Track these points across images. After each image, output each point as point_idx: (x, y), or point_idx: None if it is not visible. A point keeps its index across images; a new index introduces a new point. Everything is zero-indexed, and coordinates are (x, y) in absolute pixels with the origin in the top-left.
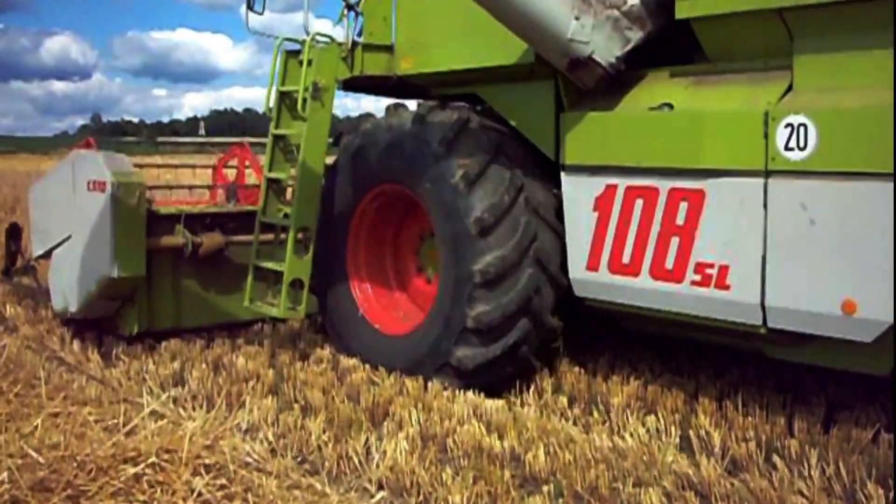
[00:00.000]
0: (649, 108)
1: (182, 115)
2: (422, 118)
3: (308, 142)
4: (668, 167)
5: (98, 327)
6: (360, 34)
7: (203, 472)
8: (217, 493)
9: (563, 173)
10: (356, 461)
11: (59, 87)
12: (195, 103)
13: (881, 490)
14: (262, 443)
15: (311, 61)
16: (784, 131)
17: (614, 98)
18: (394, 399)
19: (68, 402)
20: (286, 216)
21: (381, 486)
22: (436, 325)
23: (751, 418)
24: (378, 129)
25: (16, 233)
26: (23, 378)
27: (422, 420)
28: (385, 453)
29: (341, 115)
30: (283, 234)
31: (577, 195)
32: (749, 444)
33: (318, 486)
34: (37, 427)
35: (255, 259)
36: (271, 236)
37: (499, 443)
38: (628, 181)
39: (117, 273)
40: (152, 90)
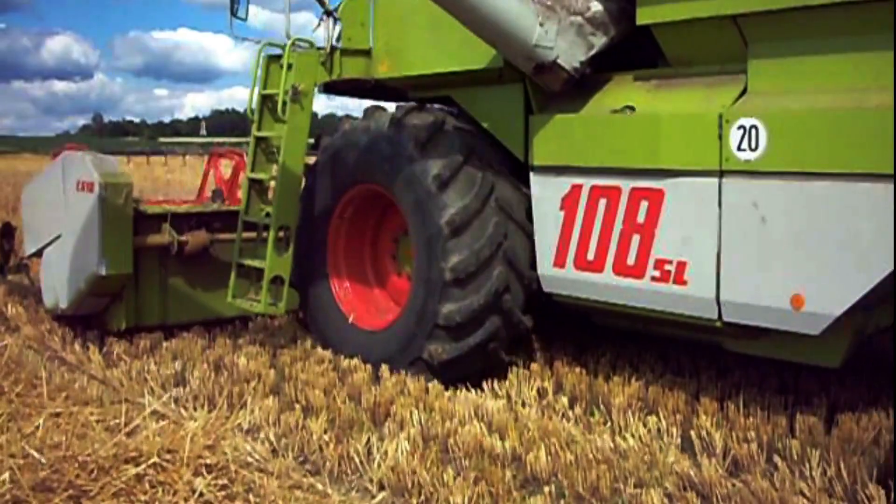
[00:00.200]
0: (612, 111)
1: (183, 115)
2: (398, 121)
3: (288, 143)
4: (629, 168)
5: (88, 323)
6: (338, 39)
7: (204, 472)
8: (218, 494)
9: (531, 174)
10: (357, 461)
11: (60, 87)
12: (197, 103)
13: (882, 491)
14: (263, 443)
15: (290, 66)
16: (737, 133)
17: (580, 101)
18: (395, 399)
19: (70, 403)
20: (268, 215)
21: (382, 487)
22: (409, 321)
23: (752, 419)
24: (356, 131)
25: (9, 232)
26: (24, 378)
27: (423, 420)
28: (386, 453)
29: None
30: (265, 233)
31: (545, 195)
32: (750, 444)
33: (320, 487)
34: (38, 427)
35: (238, 257)
36: (254, 235)
37: (500, 443)
38: (593, 181)
39: (105, 271)
40: (154, 90)
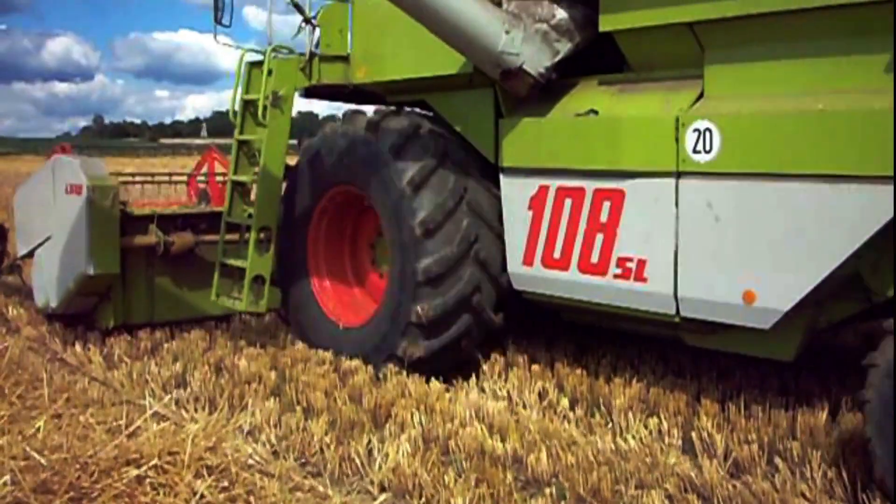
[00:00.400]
0: (576, 115)
1: (184, 116)
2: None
3: (268, 147)
4: (592, 169)
5: (78, 321)
6: (317, 45)
7: (205, 473)
8: (219, 496)
9: (501, 175)
10: (358, 463)
11: (61, 88)
12: (197, 104)
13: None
14: (264, 444)
15: (271, 71)
16: (692, 135)
17: (547, 105)
18: (396, 401)
19: (71, 404)
20: (250, 216)
21: (383, 488)
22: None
23: (753, 420)
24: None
25: (2, 234)
26: (25, 380)
27: (424, 422)
28: (387, 455)
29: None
30: (248, 234)
31: (514, 195)
32: (751, 446)
33: (321, 488)
34: (39, 429)
35: (222, 257)
36: (237, 236)
37: (501, 445)
38: (559, 182)
39: (93, 270)
40: (154, 91)
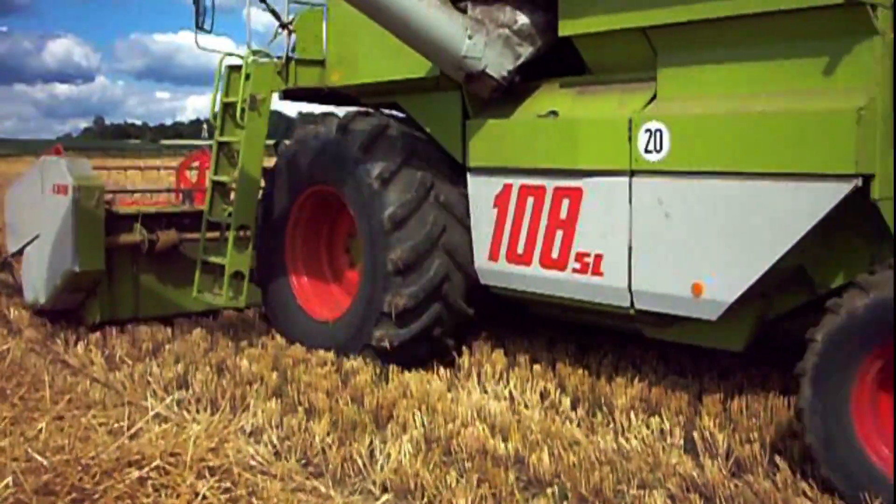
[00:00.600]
0: (538, 116)
1: (185, 117)
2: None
3: (246, 148)
4: (552, 168)
5: (66, 317)
6: (293, 50)
7: (207, 474)
8: (221, 496)
9: (468, 174)
10: (360, 463)
11: (61, 89)
12: (198, 105)
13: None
14: (266, 445)
15: (248, 75)
16: (644, 136)
17: (512, 106)
18: (398, 401)
19: (72, 406)
20: (230, 215)
21: (385, 489)
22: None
23: (755, 420)
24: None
25: None
26: (27, 381)
27: (426, 422)
28: (389, 456)
29: None
30: (228, 232)
31: (480, 194)
32: (753, 445)
33: (323, 489)
34: (41, 430)
35: (203, 254)
36: (218, 234)
37: (503, 445)
38: (522, 181)
39: (79, 267)
40: (155, 93)
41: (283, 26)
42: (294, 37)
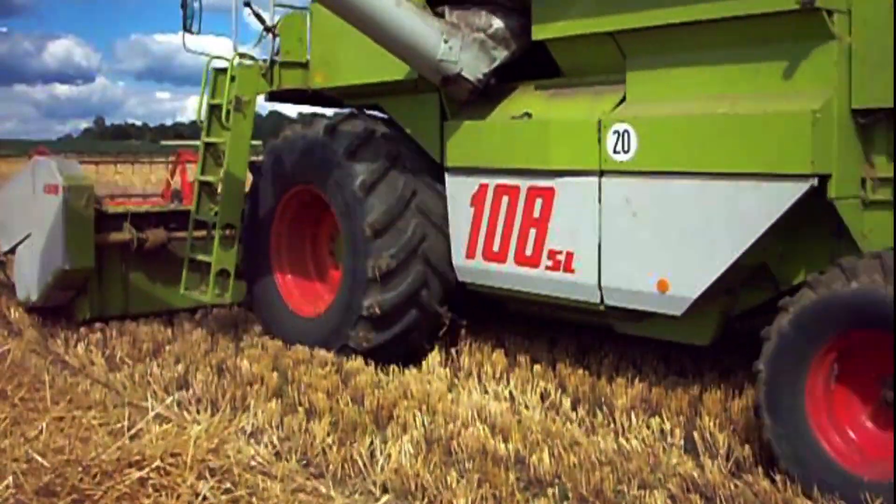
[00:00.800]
0: (512, 118)
1: (185, 117)
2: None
3: (231, 149)
4: (526, 168)
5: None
6: (277, 53)
7: (208, 475)
8: (222, 497)
9: (446, 174)
10: (361, 464)
11: (62, 90)
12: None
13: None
14: (266, 446)
15: (234, 78)
16: (612, 137)
17: (487, 108)
18: (398, 402)
19: (73, 406)
20: (216, 214)
21: (385, 489)
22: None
23: (755, 420)
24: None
25: None
26: (27, 382)
27: (426, 423)
28: (390, 456)
29: None
30: (214, 230)
31: (458, 193)
32: (753, 445)
33: (323, 490)
34: (41, 431)
35: (190, 252)
36: (205, 232)
37: (503, 445)
38: (497, 181)
39: (69, 266)
40: (155, 93)
41: (268, 30)
42: (279, 40)
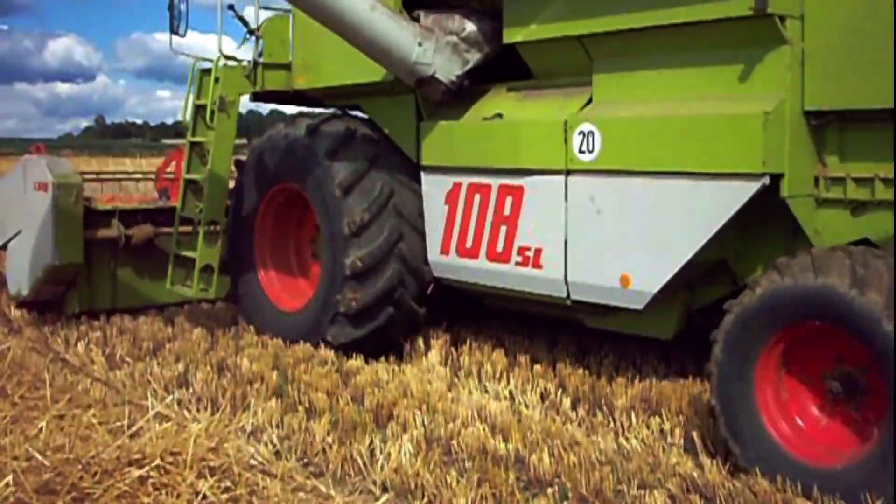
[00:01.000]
0: (484, 118)
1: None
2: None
3: (215, 148)
4: (497, 167)
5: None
6: (261, 55)
7: (208, 474)
8: (222, 496)
9: (422, 173)
10: (360, 463)
11: (63, 88)
12: None
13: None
14: (266, 445)
15: (218, 79)
16: (578, 137)
17: (461, 109)
18: (398, 401)
19: (73, 405)
20: (201, 211)
21: (385, 489)
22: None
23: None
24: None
25: None
26: (27, 380)
27: (426, 422)
28: (389, 455)
29: None
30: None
31: (432, 192)
32: None
33: (323, 489)
34: (41, 429)
35: (176, 248)
36: (189, 229)
37: (503, 445)
38: (470, 179)
39: (58, 261)
40: (156, 92)
41: (251, 32)
42: (262, 42)
